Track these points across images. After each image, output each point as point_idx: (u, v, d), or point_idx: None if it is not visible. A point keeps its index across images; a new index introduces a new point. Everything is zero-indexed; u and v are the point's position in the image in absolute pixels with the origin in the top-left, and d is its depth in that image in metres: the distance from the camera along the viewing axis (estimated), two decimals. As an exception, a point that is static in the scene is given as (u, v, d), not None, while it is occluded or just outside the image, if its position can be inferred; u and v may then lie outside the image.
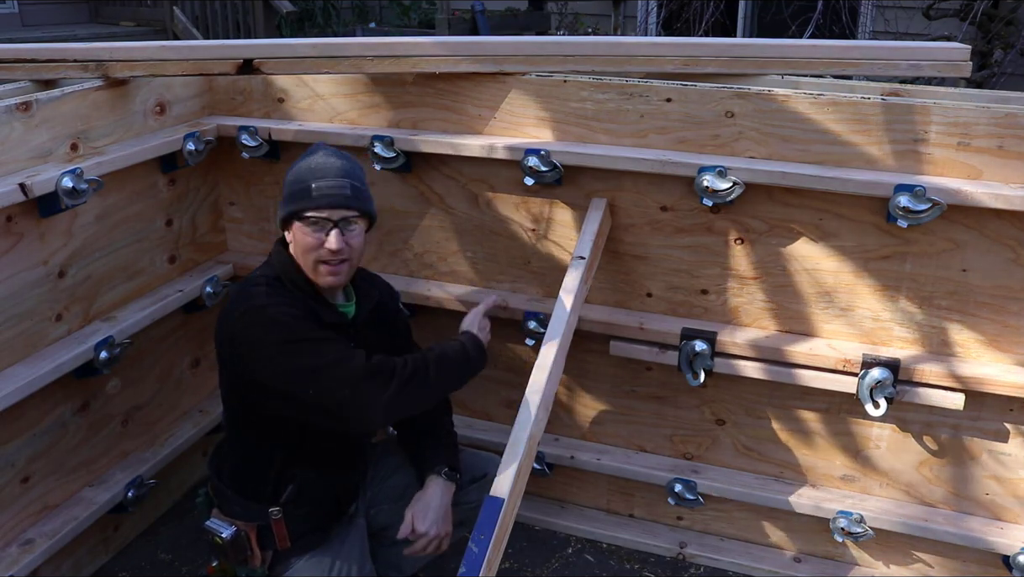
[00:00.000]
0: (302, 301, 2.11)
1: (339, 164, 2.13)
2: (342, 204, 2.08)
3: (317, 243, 2.07)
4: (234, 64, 2.57)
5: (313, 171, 2.10)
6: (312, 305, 2.12)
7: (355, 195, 2.11)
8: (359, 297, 2.25)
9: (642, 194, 2.55)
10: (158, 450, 2.82)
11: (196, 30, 8.26)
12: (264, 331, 2.03)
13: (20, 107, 2.30)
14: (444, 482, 2.25)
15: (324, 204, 2.07)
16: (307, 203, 2.07)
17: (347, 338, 2.14)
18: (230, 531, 2.17)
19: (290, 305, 2.07)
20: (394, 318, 2.41)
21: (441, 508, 2.21)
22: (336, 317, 2.17)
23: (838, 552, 2.70)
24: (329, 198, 2.07)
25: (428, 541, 2.18)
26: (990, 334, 2.37)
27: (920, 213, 2.22)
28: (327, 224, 2.07)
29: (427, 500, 2.22)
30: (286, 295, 2.10)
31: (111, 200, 2.60)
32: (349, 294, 2.25)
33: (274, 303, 2.05)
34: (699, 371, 2.53)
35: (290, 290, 2.12)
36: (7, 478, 2.37)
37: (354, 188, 2.11)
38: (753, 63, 2.52)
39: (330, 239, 2.07)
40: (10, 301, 2.32)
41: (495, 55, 2.56)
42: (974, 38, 5.99)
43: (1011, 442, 2.43)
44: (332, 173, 2.10)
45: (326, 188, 2.07)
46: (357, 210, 2.12)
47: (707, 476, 2.71)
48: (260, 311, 2.04)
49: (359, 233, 2.14)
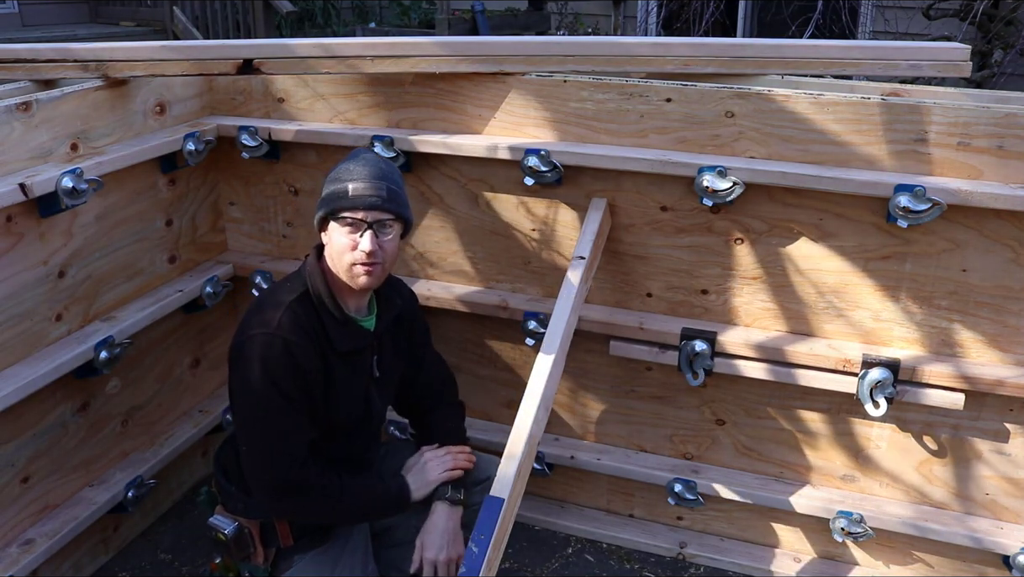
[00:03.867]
0: (320, 328, 2.11)
1: (378, 167, 2.12)
2: (377, 206, 2.07)
3: (351, 244, 2.07)
4: (234, 64, 2.57)
5: (351, 173, 2.09)
6: (331, 330, 2.12)
7: (391, 198, 2.10)
8: (380, 308, 2.25)
9: (642, 194, 2.55)
10: (158, 450, 2.82)
11: (196, 30, 8.25)
12: (251, 368, 2.04)
13: (20, 107, 2.30)
14: (449, 507, 2.25)
15: (360, 205, 2.06)
16: (343, 203, 2.06)
17: (368, 350, 2.20)
18: (233, 528, 2.18)
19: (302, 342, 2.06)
20: (412, 324, 2.39)
21: (448, 533, 2.21)
22: (356, 339, 2.17)
23: (838, 552, 2.70)
24: (365, 199, 2.06)
25: (439, 567, 2.19)
26: (990, 334, 2.37)
27: (920, 213, 2.22)
28: (362, 225, 2.06)
29: (434, 526, 2.22)
30: (306, 323, 2.09)
31: (111, 200, 2.60)
32: (371, 307, 2.24)
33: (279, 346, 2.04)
34: (699, 371, 2.53)
35: (315, 310, 2.12)
36: (7, 478, 2.37)
37: (391, 191, 2.10)
38: (753, 63, 2.52)
39: (364, 240, 2.06)
40: (10, 301, 2.32)
41: (495, 55, 2.56)
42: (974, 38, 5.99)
43: (1011, 442, 2.43)
44: (369, 176, 2.08)
45: (362, 189, 2.06)
46: (393, 213, 2.10)
47: (707, 476, 2.71)
48: (265, 345, 2.04)
49: (394, 237, 2.12)
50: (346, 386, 2.17)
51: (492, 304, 2.74)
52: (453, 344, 2.88)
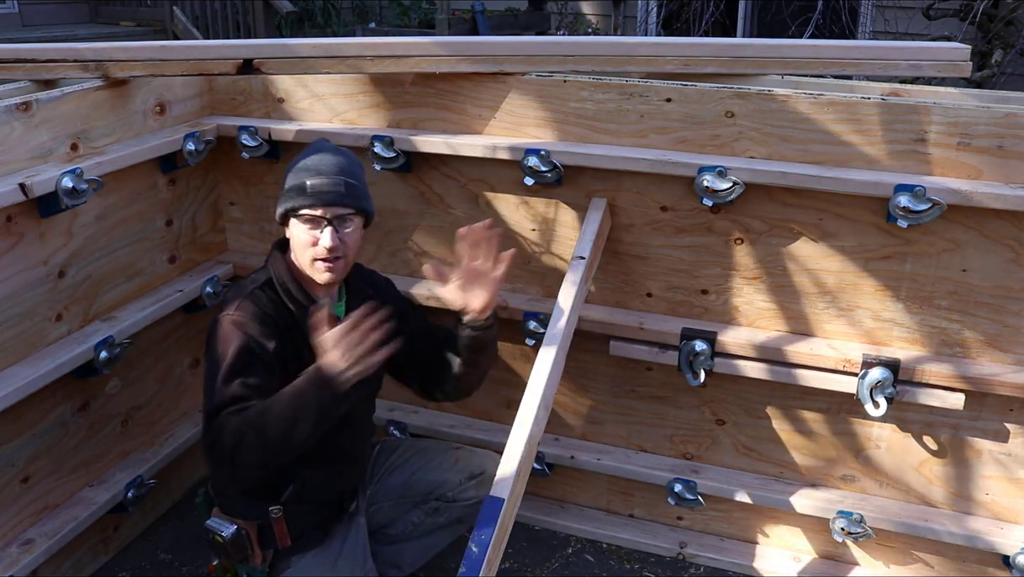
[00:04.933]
0: (284, 312, 2.12)
1: (335, 161, 2.14)
2: (336, 201, 2.10)
3: (312, 240, 2.09)
4: (234, 64, 2.57)
5: (309, 169, 2.12)
6: (298, 314, 2.12)
7: (350, 192, 2.12)
8: (350, 296, 2.26)
9: (642, 194, 2.55)
10: (158, 450, 2.82)
11: (196, 30, 8.25)
12: (211, 347, 2.07)
13: (20, 107, 2.30)
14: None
15: (318, 202, 2.09)
16: (302, 200, 2.09)
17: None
18: (231, 530, 2.18)
19: (258, 324, 2.06)
20: (395, 305, 2.34)
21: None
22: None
23: (838, 552, 2.70)
24: (323, 195, 2.09)
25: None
26: (990, 334, 2.37)
27: (920, 213, 2.22)
28: (321, 222, 2.09)
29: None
30: (267, 305, 2.11)
31: (111, 200, 2.60)
32: (340, 293, 2.26)
33: (241, 318, 2.06)
34: (699, 371, 2.53)
35: (279, 296, 2.14)
36: (7, 478, 2.37)
37: (349, 185, 2.12)
38: (753, 63, 2.52)
39: (324, 236, 2.08)
40: (10, 301, 2.32)
41: (495, 55, 2.56)
42: (974, 38, 5.99)
43: (1011, 442, 2.43)
44: (328, 171, 2.11)
45: (321, 186, 2.09)
46: (352, 207, 2.13)
47: (707, 476, 2.71)
48: (224, 327, 2.06)
49: (355, 230, 2.15)
50: None
51: (492, 304, 2.74)
52: (453, 344, 2.88)
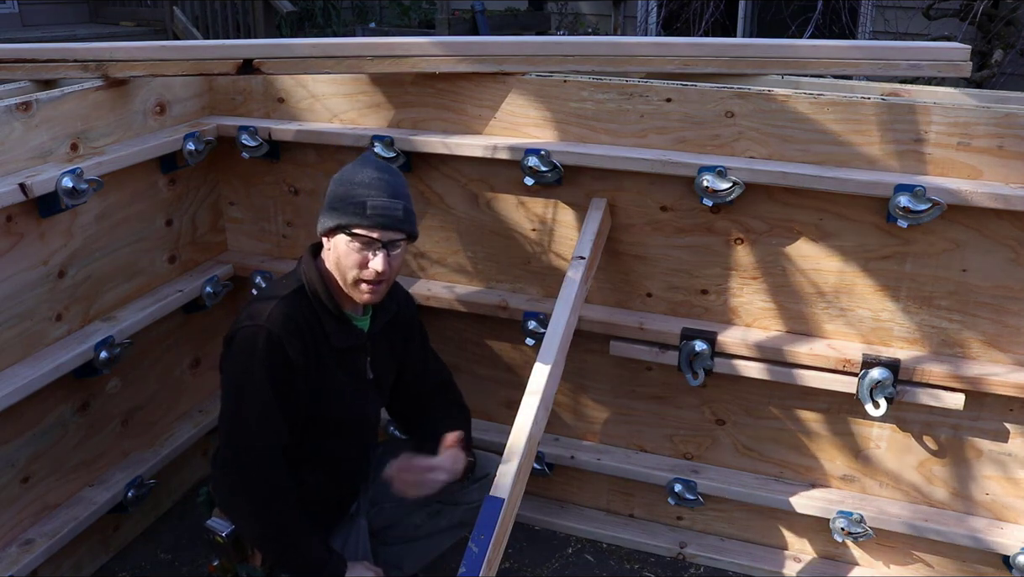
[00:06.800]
0: (313, 321, 2.09)
1: (393, 182, 2.08)
2: (393, 226, 2.04)
3: (362, 261, 2.04)
4: (234, 64, 2.57)
5: (368, 186, 2.04)
6: (327, 326, 2.11)
7: (406, 218, 2.07)
8: (375, 310, 2.24)
9: (642, 194, 2.55)
10: (158, 450, 2.82)
11: (196, 30, 8.26)
12: (235, 360, 2.06)
13: (20, 107, 2.30)
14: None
15: (377, 224, 2.02)
16: (360, 220, 2.02)
17: (362, 351, 2.19)
18: (230, 530, 2.17)
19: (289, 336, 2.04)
20: (410, 328, 2.37)
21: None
22: (350, 336, 2.17)
23: (838, 552, 2.70)
24: (383, 219, 2.02)
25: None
26: (990, 334, 2.37)
27: (920, 213, 2.22)
28: (375, 244, 2.03)
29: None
30: (297, 313, 2.07)
31: (111, 200, 2.60)
32: (367, 308, 2.23)
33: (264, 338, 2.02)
34: (699, 371, 2.53)
35: (311, 305, 2.11)
36: (7, 478, 2.37)
37: (406, 210, 2.07)
38: (753, 63, 2.52)
39: (376, 260, 2.03)
40: (10, 301, 2.32)
41: (495, 55, 2.57)
42: (974, 38, 5.99)
43: (1011, 442, 2.43)
44: (387, 192, 2.04)
45: (381, 208, 2.02)
46: (406, 233, 2.08)
47: (707, 476, 2.71)
48: (251, 337, 2.03)
49: (401, 252, 2.11)
50: (338, 384, 2.16)
51: (492, 304, 2.74)
52: (453, 344, 2.88)
